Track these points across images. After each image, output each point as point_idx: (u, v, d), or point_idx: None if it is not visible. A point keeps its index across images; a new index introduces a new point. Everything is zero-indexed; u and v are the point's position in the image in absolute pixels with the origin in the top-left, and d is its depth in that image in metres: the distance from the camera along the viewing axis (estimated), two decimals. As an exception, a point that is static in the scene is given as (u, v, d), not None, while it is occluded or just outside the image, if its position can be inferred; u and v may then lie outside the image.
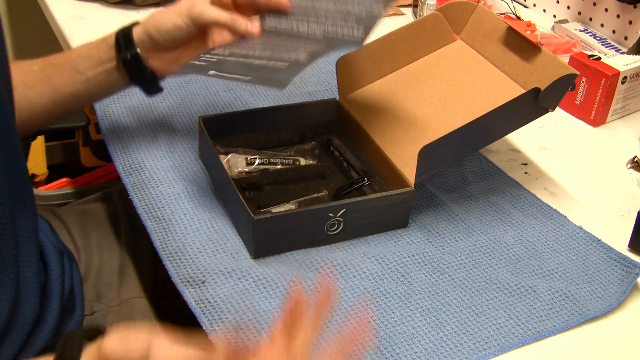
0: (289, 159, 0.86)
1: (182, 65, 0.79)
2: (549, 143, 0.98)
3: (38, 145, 1.70)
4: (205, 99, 1.00)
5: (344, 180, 0.85)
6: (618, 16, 1.20)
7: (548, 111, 0.83)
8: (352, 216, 0.75)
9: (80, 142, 1.78)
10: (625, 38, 1.20)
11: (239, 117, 0.89)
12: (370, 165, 0.86)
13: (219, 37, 0.77)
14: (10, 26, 1.86)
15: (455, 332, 0.68)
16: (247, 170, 0.84)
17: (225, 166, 0.82)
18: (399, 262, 0.75)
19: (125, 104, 0.98)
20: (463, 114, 0.85)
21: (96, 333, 0.54)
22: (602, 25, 1.23)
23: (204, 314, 0.67)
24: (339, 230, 0.76)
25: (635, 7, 1.16)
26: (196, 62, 0.76)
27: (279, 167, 0.85)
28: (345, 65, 0.91)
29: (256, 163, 0.84)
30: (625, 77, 1.01)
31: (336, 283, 0.72)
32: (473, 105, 0.86)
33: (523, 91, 0.83)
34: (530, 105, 0.81)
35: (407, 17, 1.32)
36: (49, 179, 1.74)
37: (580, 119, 1.05)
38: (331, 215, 0.74)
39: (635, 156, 0.95)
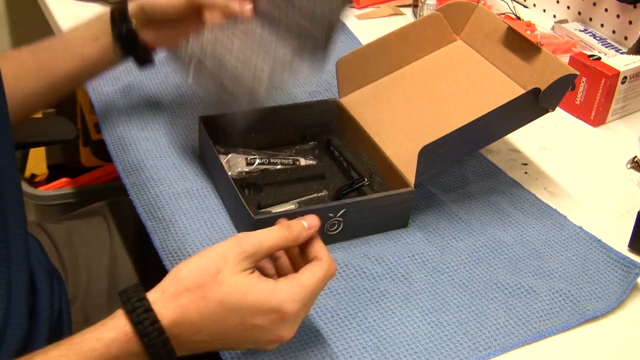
0: (289, 159, 0.86)
1: (171, 51, 0.84)
2: (549, 143, 0.98)
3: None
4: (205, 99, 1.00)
5: (344, 180, 0.85)
6: (618, 16, 1.20)
7: (548, 111, 0.83)
8: (352, 216, 0.75)
9: (80, 142, 1.78)
10: (625, 38, 1.20)
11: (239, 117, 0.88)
12: (370, 165, 0.86)
13: (211, 17, 0.79)
14: (10, 26, 1.86)
15: (455, 332, 0.68)
16: (247, 170, 0.84)
17: (225, 166, 0.82)
18: (399, 262, 0.75)
19: (125, 104, 0.98)
20: (463, 114, 0.85)
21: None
22: (602, 25, 1.23)
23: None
24: (339, 230, 0.76)
25: (635, 7, 1.16)
26: (182, 54, 0.78)
27: (279, 167, 0.85)
28: (345, 65, 0.91)
29: (256, 163, 0.84)
30: (625, 77, 1.01)
31: (336, 283, 0.72)
32: (473, 106, 0.86)
33: (523, 91, 0.83)
34: (530, 106, 0.81)
35: (407, 17, 1.32)
36: (49, 179, 1.75)
37: (580, 119, 1.05)
38: (331, 215, 0.74)
39: (635, 156, 0.95)
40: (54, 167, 1.81)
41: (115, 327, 0.55)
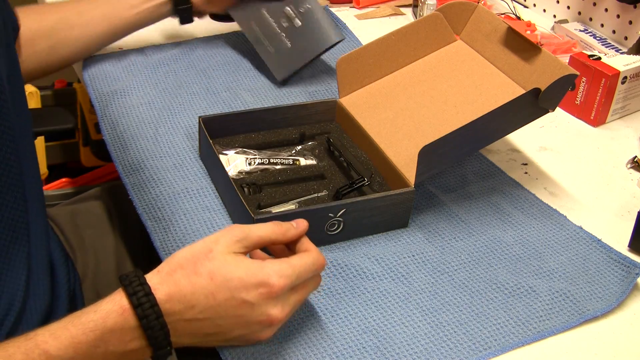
0: (289, 159, 0.86)
1: (233, 6, 1.08)
2: (549, 143, 0.98)
3: (38, 146, 1.70)
4: (205, 99, 1.00)
5: (344, 180, 0.85)
6: (618, 16, 1.20)
7: (548, 111, 0.83)
8: (352, 216, 0.75)
9: (80, 142, 1.78)
10: (625, 38, 1.20)
11: (239, 117, 0.89)
12: (370, 165, 0.86)
13: None
14: (10, 26, 1.86)
15: (455, 332, 0.68)
16: (247, 170, 0.84)
17: (225, 166, 0.82)
18: (399, 262, 0.75)
19: (125, 104, 0.98)
20: (463, 114, 0.85)
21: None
22: (602, 25, 1.23)
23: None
24: (339, 230, 0.76)
25: (635, 7, 1.16)
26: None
27: (279, 167, 0.85)
28: (345, 65, 0.91)
29: (256, 163, 0.84)
30: (625, 77, 1.01)
31: (336, 283, 0.72)
32: (473, 106, 0.86)
33: (523, 91, 0.83)
34: (531, 106, 0.81)
35: (407, 17, 1.32)
36: (49, 179, 1.74)
37: (580, 119, 1.05)
38: (331, 215, 0.74)
39: (635, 156, 0.95)
40: (54, 167, 1.81)
41: (112, 301, 0.58)
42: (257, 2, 1.09)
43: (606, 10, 1.22)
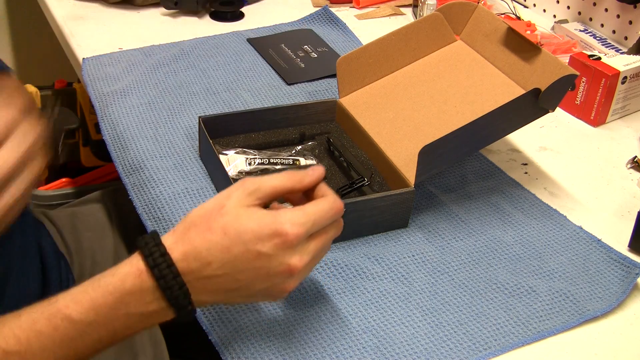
0: (289, 159, 0.86)
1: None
2: (549, 143, 0.98)
3: (38, 145, 1.69)
4: (205, 99, 1.00)
5: (344, 180, 0.85)
6: (618, 16, 1.20)
7: (548, 112, 0.83)
8: (352, 216, 0.75)
9: (80, 142, 1.78)
10: (625, 38, 1.20)
11: (239, 117, 0.89)
12: (370, 165, 0.86)
13: None
14: (10, 26, 1.86)
15: (455, 332, 0.68)
16: (247, 170, 0.84)
17: (225, 166, 0.82)
18: (399, 262, 0.75)
19: (125, 104, 0.98)
20: (463, 115, 0.85)
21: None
22: (602, 25, 1.23)
23: (203, 312, 0.67)
24: (339, 230, 0.76)
25: (635, 7, 1.16)
26: None
27: (278, 167, 0.85)
28: (345, 65, 0.91)
29: (256, 163, 0.84)
30: (625, 77, 1.01)
31: (336, 283, 0.72)
32: (473, 106, 0.86)
33: (523, 92, 0.83)
34: (531, 106, 0.81)
35: (407, 17, 1.32)
36: (49, 179, 1.74)
37: (580, 119, 1.05)
38: (331, 215, 0.74)
39: (635, 156, 0.95)
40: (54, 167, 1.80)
41: (130, 263, 0.58)
42: (277, 39, 1.15)
43: (606, 10, 1.22)
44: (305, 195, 0.64)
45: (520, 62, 0.87)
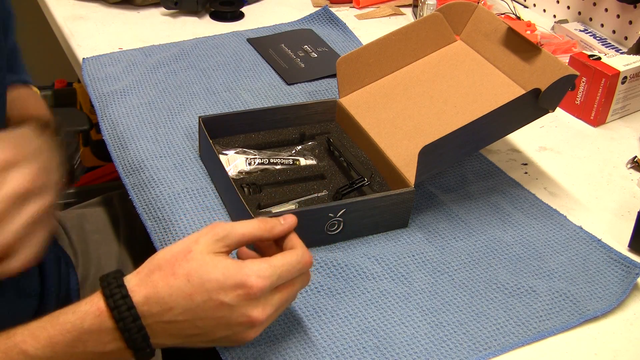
0: (289, 159, 0.86)
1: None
2: (549, 143, 0.98)
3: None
4: (205, 99, 1.00)
5: (344, 180, 0.85)
6: (618, 16, 1.20)
7: (548, 112, 0.83)
8: (352, 216, 0.75)
9: (80, 142, 1.78)
10: (625, 38, 1.20)
11: (239, 117, 0.89)
12: (370, 165, 0.86)
13: None
14: (10, 26, 1.86)
15: (455, 332, 0.68)
16: (247, 170, 0.84)
17: (225, 166, 0.82)
18: (399, 262, 0.75)
19: (125, 104, 0.98)
20: (463, 115, 0.85)
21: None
22: (602, 25, 1.23)
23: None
24: (339, 230, 0.76)
25: (635, 7, 1.16)
26: None
27: (279, 167, 0.85)
28: (345, 65, 0.91)
29: (256, 163, 0.84)
30: (625, 77, 1.01)
31: (336, 283, 0.72)
32: (473, 106, 0.86)
33: (523, 92, 0.83)
34: (531, 106, 0.81)
35: (407, 17, 1.32)
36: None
37: (580, 119, 1.05)
38: (331, 215, 0.74)
39: (635, 156, 0.95)
40: (54, 167, 1.80)
41: (90, 302, 0.57)
42: (277, 39, 1.15)
43: (606, 10, 1.22)
44: (276, 243, 0.64)
45: (521, 63, 0.87)
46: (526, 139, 0.98)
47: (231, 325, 0.58)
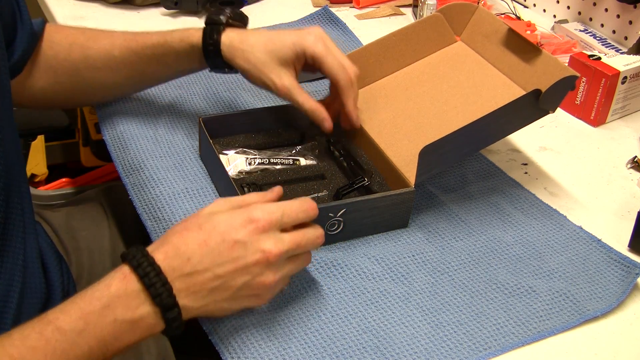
0: (289, 159, 0.86)
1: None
2: (549, 143, 0.98)
3: (38, 146, 1.70)
4: (205, 99, 1.00)
5: (344, 180, 0.85)
6: (618, 16, 1.20)
7: (548, 112, 0.83)
8: (352, 216, 0.75)
9: (80, 142, 1.79)
10: (625, 38, 1.20)
11: (239, 117, 0.89)
12: (370, 165, 0.86)
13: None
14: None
15: (455, 332, 0.68)
16: (247, 170, 0.84)
17: (225, 166, 0.82)
18: (399, 262, 0.75)
19: (125, 104, 0.98)
20: (463, 115, 0.85)
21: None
22: (602, 25, 1.23)
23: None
24: (339, 230, 0.76)
25: (635, 7, 1.16)
26: None
27: (279, 167, 0.85)
28: (345, 66, 0.91)
29: (256, 163, 0.84)
30: (625, 77, 1.01)
31: (336, 283, 0.72)
32: (473, 106, 0.86)
33: (523, 92, 0.83)
34: (531, 107, 0.81)
35: (407, 18, 1.32)
36: (49, 179, 1.74)
37: (580, 119, 1.05)
38: (331, 215, 0.74)
39: (635, 156, 0.95)
40: (54, 167, 1.81)
41: (115, 270, 0.61)
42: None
43: (606, 10, 1.22)
44: None
45: (521, 63, 0.87)
46: (526, 139, 0.98)
47: (248, 266, 0.61)
